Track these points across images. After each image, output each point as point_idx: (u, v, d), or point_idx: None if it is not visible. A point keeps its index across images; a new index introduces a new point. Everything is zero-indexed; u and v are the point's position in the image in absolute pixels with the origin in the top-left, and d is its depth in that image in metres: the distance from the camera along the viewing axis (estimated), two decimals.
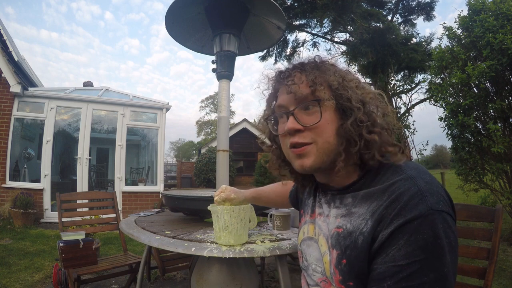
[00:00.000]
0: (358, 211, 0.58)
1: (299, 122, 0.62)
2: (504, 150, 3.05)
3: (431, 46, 7.84)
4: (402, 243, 0.49)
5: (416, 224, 0.49)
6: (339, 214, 0.63)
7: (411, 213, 0.49)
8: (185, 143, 43.18)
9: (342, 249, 0.58)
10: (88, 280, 2.21)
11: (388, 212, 0.52)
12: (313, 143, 0.61)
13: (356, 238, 0.56)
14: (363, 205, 0.58)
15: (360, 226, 0.56)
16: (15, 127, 5.30)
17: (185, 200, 1.48)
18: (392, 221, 0.51)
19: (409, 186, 0.53)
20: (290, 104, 0.65)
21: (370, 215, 0.55)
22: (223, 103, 1.90)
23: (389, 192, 0.54)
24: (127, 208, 5.58)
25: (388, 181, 0.56)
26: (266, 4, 1.89)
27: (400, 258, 0.48)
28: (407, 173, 0.56)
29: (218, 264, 1.30)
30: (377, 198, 0.56)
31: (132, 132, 6.75)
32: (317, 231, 0.70)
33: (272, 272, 2.78)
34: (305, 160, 0.62)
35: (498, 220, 1.08)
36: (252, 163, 13.48)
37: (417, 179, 0.54)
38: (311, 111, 0.62)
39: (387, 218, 0.52)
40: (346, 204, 0.62)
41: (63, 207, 2.20)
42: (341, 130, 0.61)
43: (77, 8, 65.35)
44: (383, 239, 0.51)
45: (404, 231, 0.49)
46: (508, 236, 3.51)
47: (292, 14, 8.19)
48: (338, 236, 0.60)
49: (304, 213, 0.80)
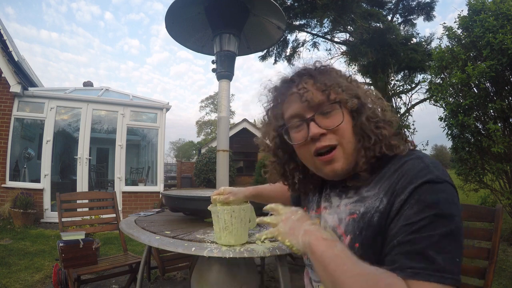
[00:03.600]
0: (371, 194, 0.61)
1: (321, 127, 0.63)
2: (504, 150, 3.05)
3: (431, 46, 7.84)
4: (413, 202, 0.52)
5: (427, 186, 0.53)
6: (350, 202, 0.64)
7: (421, 179, 0.53)
8: (185, 143, 43.17)
9: (356, 232, 0.60)
10: (88, 280, 2.21)
11: (400, 183, 0.55)
12: (339, 145, 0.63)
13: (371, 217, 0.58)
14: (375, 188, 0.61)
15: (374, 205, 0.58)
16: (15, 127, 5.29)
17: (185, 200, 1.48)
18: (405, 189, 0.54)
19: (418, 162, 0.57)
20: (306, 111, 0.65)
21: (384, 192, 0.58)
22: (223, 103, 1.90)
23: (399, 171, 0.58)
24: (127, 208, 5.58)
25: (399, 162, 0.60)
26: (266, 4, 1.90)
27: (411, 216, 0.51)
28: (415, 154, 0.60)
29: (218, 264, 1.30)
30: (389, 178, 0.59)
31: (132, 132, 6.75)
32: (323, 224, 0.70)
33: (272, 272, 2.78)
34: (335, 165, 0.63)
35: (498, 220, 1.08)
36: (252, 163, 13.48)
37: (425, 158, 0.58)
38: (329, 114, 0.64)
39: (399, 188, 0.55)
40: (360, 193, 0.64)
41: (63, 207, 2.20)
42: (356, 128, 0.64)
43: (77, 8, 65.30)
44: (398, 206, 0.54)
45: (415, 193, 0.53)
46: (508, 236, 3.51)
47: (292, 14, 8.19)
48: (353, 222, 0.62)
49: (308, 209, 0.80)
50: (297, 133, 0.67)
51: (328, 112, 0.63)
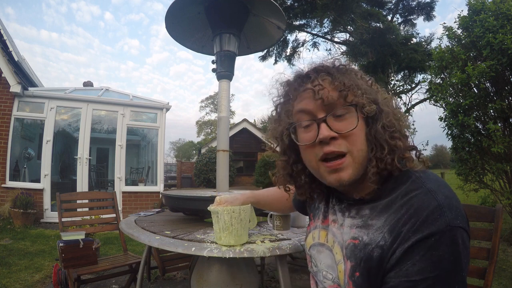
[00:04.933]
0: (376, 224, 0.56)
1: (332, 130, 0.58)
2: (504, 150, 3.05)
3: (431, 46, 7.85)
4: (418, 259, 0.48)
5: (433, 240, 0.48)
6: (354, 225, 0.61)
7: (429, 229, 0.49)
8: (185, 143, 43.18)
9: (358, 261, 0.57)
10: (88, 280, 2.21)
11: (407, 228, 0.51)
12: (348, 153, 0.58)
13: (371, 250, 0.55)
14: (380, 217, 0.56)
15: (377, 239, 0.55)
16: (15, 127, 5.29)
17: (185, 200, 1.48)
18: (410, 237, 0.50)
19: (429, 200, 0.52)
20: (318, 110, 0.60)
21: (388, 228, 0.54)
22: (223, 103, 1.90)
23: (407, 206, 0.53)
24: (127, 208, 5.58)
25: (408, 194, 0.55)
26: (266, 4, 1.89)
27: (414, 273, 0.48)
28: (426, 186, 0.54)
29: (218, 264, 1.30)
30: (395, 212, 0.54)
31: (132, 132, 6.75)
32: (331, 238, 0.67)
33: (272, 272, 2.78)
34: (342, 174, 0.59)
35: (498, 220, 1.08)
36: (252, 163, 13.47)
37: (437, 193, 0.52)
38: (343, 117, 0.59)
39: (405, 233, 0.51)
40: (363, 216, 0.60)
41: (63, 207, 2.20)
42: (369, 135, 0.59)
43: (77, 9, 65.47)
44: (400, 254, 0.51)
45: (420, 246, 0.49)
46: (508, 236, 3.50)
47: (292, 14, 8.19)
48: (354, 248, 0.58)
49: (314, 217, 0.77)
50: (306, 133, 0.62)
51: (342, 114, 0.59)
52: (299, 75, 0.65)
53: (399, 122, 0.61)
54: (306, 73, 0.64)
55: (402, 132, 0.60)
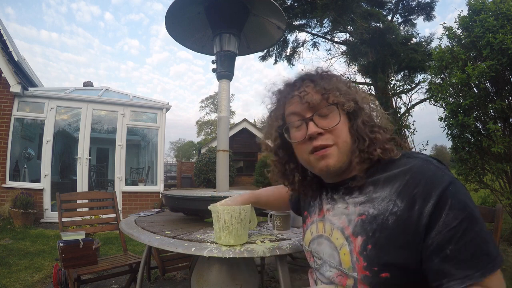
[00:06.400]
0: (381, 195, 0.63)
1: (319, 126, 0.68)
2: (504, 150, 3.05)
3: (431, 46, 7.85)
4: (447, 208, 0.55)
5: (451, 189, 0.56)
6: (358, 203, 0.66)
7: (443, 182, 0.57)
8: (185, 143, 43.15)
9: (369, 234, 0.61)
10: (88, 280, 2.21)
11: (420, 190, 0.58)
12: (334, 145, 0.67)
13: (385, 219, 0.60)
14: (385, 188, 0.63)
15: (388, 207, 0.60)
16: (15, 127, 5.29)
17: (185, 200, 1.48)
18: (430, 195, 0.56)
19: (428, 165, 0.61)
20: (305, 111, 0.70)
21: (397, 195, 0.60)
22: (223, 103, 1.90)
23: (411, 173, 0.60)
24: (127, 208, 5.58)
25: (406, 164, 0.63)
26: (266, 4, 1.89)
27: (451, 221, 0.54)
28: (421, 157, 0.64)
29: (218, 264, 1.30)
30: (400, 180, 0.61)
31: (132, 132, 6.75)
32: (328, 226, 0.72)
33: (272, 272, 2.78)
34: (329, 160, 0.67)
35: (498, 220, 1.08)
36: (252, 163, 13.48)
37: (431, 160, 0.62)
38: (327, 115, 0.68)
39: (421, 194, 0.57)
40: (367, 192, 0.66)
41: (63, 207, 2.20)
42: (352, 130, 0.68)
43: (77, 9, 65.22)
44: (429, 213, 0.56)
45: (445, 198, 0.55)
46: (508, 236, 3.50)
47: (292, 14, 8.19)
48: (362, 223, 0.63)
49: (310, 214, 0.82)
50: (297, 132, 0.72)
51: (326, 114, 0.68)
52: (288, 84, 0.76)
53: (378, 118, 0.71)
54: (293, 81, 0.75)
55: (381, 126, 0.70)
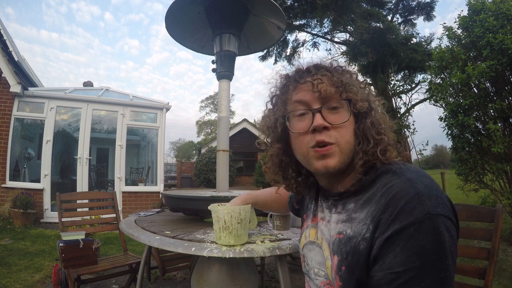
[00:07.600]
0: (359, 216, 0.58)
1: (326, 120, 0.62)
2: (504, 150, 3.05)
3: (431, 46, 7.86)
4: (399, 250, 0.48)
5: (413, 230, 0.48)
6: (340, 220, 0.63)
7: (407, 219, 0.49)
8: (185, 143, 43.16)
9: (343, 255, 0.58)
10: (88, 280, 2.21)
11: (385, 217, 0.51)
12: (336, 144, 0.62)
13: (357, 243, 0.55)
14: (363, 210, 0.58)
15: (361, 231, 0.55)
16: (15, 127, 5.29)
17: (185, 200, 1.48)
18: (388, 227, 0.50)
19: (407, 189, 0.52)
20: (314, 102, 0.64)
21: (370, 219, 0.55)
22: (223, 103, 1.90)
23: (386, 195, 0.54)
24: (127, 208, 5.58)
25: (387, 184, 0.56)
26: (266, 4, 1.89)
27: (397, 265, 0.48)
28: (406, 176, 0.55)
29: (218, 264, 1.30)
30: (376, 202, 0.55)
31: (132, 132, 6.75)
32: (320, 235, 0.69)
33: (272, 272, 2.78)
34: (329, 160, 0.62)
35: (498, 220, 1.08)
36: (252, 163, 13.48)
37: (416, 182, 0.53)
38: (337, 111, 0.63)
39: (384, 223, 0.51)
40: (348, 210, 0.62)
41: (63, 207, 2.20)
42: (357, 130, 0.64)
43: (77, 9, 65.47)
44: (380, 245, 0.51)
45: (400, 237, 0.49)
46: (508, 236, 3.50)
47: (292, 14, 8.19)
48: (339, 242, 0.60)
49: (307, 217, 0.80)
50: (300, 122, 0.66)
51: (336, 108, 0.63)
52: (300, 69, 0.69)
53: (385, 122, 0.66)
54: (307, 68, 0.69)
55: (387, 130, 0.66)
